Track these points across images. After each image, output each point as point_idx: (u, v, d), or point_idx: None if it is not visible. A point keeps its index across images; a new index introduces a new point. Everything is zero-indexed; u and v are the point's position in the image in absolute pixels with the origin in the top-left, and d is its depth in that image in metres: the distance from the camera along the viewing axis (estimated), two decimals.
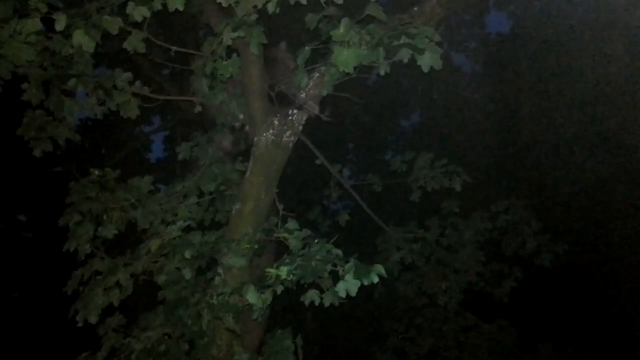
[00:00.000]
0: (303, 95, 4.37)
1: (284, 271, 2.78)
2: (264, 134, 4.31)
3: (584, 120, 9.46)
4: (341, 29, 2.95)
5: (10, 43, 2.73)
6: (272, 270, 2.83)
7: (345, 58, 2.95)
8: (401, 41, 2.89)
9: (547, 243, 5.49)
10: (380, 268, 2.64)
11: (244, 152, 5.19)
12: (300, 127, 4.45)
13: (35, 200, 11.75)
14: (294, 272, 2.77)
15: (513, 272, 5.53)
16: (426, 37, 2.97)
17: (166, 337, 3.38)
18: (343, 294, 2.80)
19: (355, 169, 10.83)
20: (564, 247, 5.50)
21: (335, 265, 2.86)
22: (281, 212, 4.20)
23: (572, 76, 9.40)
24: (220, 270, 3.87)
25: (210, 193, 4.76)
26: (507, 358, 5.76)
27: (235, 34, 3.35)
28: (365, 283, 2.62)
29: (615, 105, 8.84)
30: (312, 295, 3.08)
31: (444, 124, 10.49)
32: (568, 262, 6.25)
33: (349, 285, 2.76)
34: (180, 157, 4.89)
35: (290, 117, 4.37)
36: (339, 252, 2.96)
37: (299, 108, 4.38)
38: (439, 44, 3.11)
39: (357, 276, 2.62)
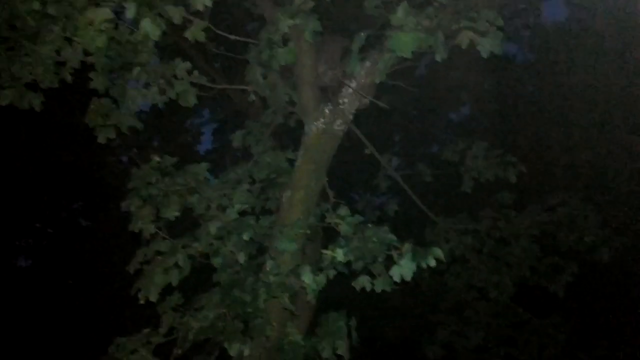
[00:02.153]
0: (355, 83, 4.37)
1: (339, 253, 2.81)
2: (315, 123, 4.35)
3: None
4: (399, 13, 2.93)
5: (86, 31, 2.90)
6: (328, 252, 2.87)
7: (404, 43, 2.94)
8: (462, 25, 2.85)
9: (606, 237, 5.27)
10: (438, 251, 2.63)
11: (294, 140, 5.27)
12: (351, 116, 4.46)
13: (91, 189, 12.35)
14: (349, 253, 2.80)
15: (569, 267, 5.33)
16: (487, 21, 2.92)
17: (222, 316, 3.49)
18: (398, 279, 2.81)
19: (402, 161, 10.75)
20: (623, 241, 5.26)
21: (389, 249, 2.87)
22: (332, 199, 4.25)
23: (630, 70, 8.93)
24: (271, 254, 3.96)
25: (262, 181, 4.87)
26: (559, 356, 5.57)
27: (292, 21, 3.40)
28: (423, 265, 2.62)
29: None
30: (363, 281, 3.10)
31: (495, 116, 10.21)
32: (627, 258, 5.97)
33: (404, 270, 2.77)
34: (234, 144, 5.02)
35: (341, 106, 4.38)
36: (394, 236, 2.96)
37: (351, 97, 4.39)
38: (500, 28, 3.04)
39: (415, 258, 2.62)
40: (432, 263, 2.62)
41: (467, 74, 9.81)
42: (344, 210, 3.69)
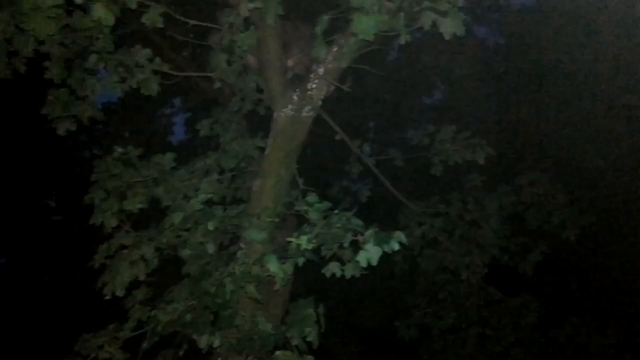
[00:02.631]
0: (321, 69, 4.30)
1: (303, 239, 2.79)
2: (283, 110, 4.28)
3: (612, 93, 9.17)
4: None
5: (33, 16, 2.77)
6: (293, 240, 2.85)
7: (366, 25, 2.89)
8: (423, 6, 2.82)
9: (573, 216, 5.38)
10: (400, 235, 2.62)
11: (263, 127, 5.19)
12: (320, 102, 4.41)
13: (63, 185, 12.07)
14: (313, 240, 2.77)
15: (538, 246, 5.44)
16: (448, 1, 2.89)
17: (191, 309, 3.44)
18: (364, 264, 2.80)
19: (375, 147, 10.77)
20: (590, 220, 5.38)
21: (355, 234, 2.85)
22: (301, 186, 4.21)
23: (599, 50, 9.09)
24: (242, 244, 3.91)
25: (231, 170, 4.80)
26: (531, 333, 5.69)
27: (252, 5, 3.31)
28: (387, 250, 2.61)
29: None
30: (333, 267, 3.08)
31: (467, 98, 10.29)
32: (594, 237, 6.12)
33: (370, 255, 2.76)
34: (201, 133, 4.92)
35: (309, 92, 4.32)
36: (359, 221, 2.94)
37: (318, 82, 4.32)
38: (461, 9, 3.02)
39: (377, 243, 2.61)
40: (396, 247, 2.62)
41: (439, 57, 9.83)
42: (312, 197, 3.65)
